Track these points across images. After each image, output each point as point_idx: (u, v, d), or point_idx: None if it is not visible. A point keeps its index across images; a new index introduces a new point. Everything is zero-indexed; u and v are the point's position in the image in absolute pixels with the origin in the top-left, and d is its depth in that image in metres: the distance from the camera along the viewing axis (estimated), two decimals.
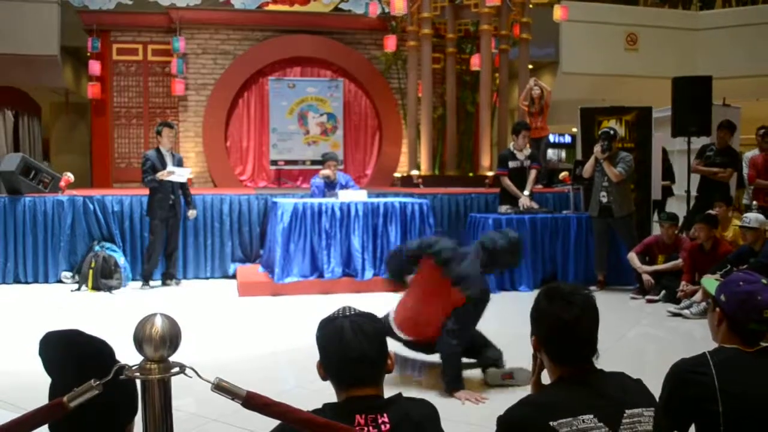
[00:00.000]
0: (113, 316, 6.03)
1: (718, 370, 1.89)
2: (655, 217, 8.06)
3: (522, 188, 7.71)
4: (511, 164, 7.74)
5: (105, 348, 1.51)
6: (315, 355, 1.78)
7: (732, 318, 1.99)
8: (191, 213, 7.56)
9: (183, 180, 7.41)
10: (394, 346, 3.11)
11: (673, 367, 2.00)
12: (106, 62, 11.38)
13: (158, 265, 7.50)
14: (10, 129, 11.48)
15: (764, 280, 2.01)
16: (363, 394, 1.69)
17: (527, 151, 7.80)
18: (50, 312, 6.28)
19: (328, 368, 1.75)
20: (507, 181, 7.77)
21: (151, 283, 7.45)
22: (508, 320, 4.76)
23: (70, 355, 1.47)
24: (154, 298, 6.99)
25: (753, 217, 6.08)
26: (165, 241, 7.44)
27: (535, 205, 7.74)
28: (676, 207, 8.68)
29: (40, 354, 1.52)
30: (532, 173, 7.79)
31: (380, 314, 1.87)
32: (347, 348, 1.69)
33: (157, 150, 7.37)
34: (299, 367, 4.43)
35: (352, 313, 1.77)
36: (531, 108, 9.94)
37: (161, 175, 7.14)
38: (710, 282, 2.20)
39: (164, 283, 7.53)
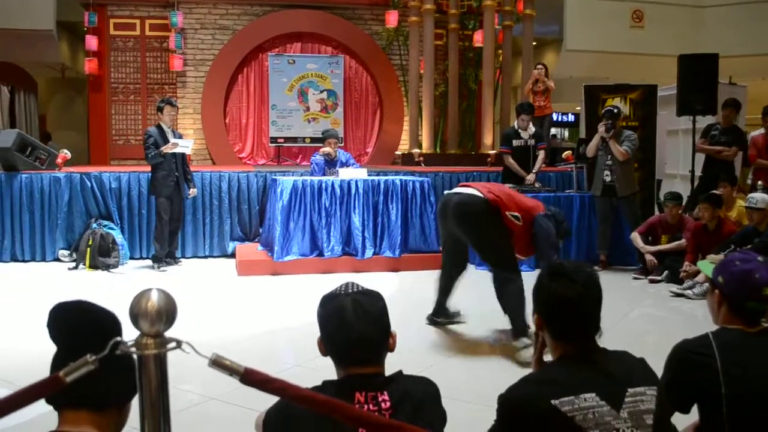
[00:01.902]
0: (111, 294, 5.97)
1: (721, 352, 1.87)
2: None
3: (526, 167, 7.68)
4: (515, 143, 7.71)
5: (112, 318, 1.50)
6: (314, 334, 1.77)
7: (731, 298, 1.98)
8: (192, 191, 7.46)
9: (188, 151, 7.32)
10: None
11: (675, 348, 1.99)
12: (103, 37, 11.22)
13: (168, 245, 7.38)
14: (6, 105, 11.39)
15: (760, 258, 1.99)
16: (363, 372, 1.69)
17: (531, 129, 7.77)
18: (48, 291, 6.22)
19: (328, 346, 1.75)
20: (510, 160, 7.73)
21: (143, 261, 7.39)
22: None
23: (82, 322, 1.48)
24: (153, 276, 6.94)
25: (759, 198, 6.00)
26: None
27: (537, 184, 7.71)
28: (681, 187, 8.61)
29: (50, 324, 1.51)
30: (541, 154, 7.79)
31: (383, 291, 1.82)
32: (348, 328, 1.68)
33: (159, 126, 7.25)
34: (298, 345, 4.40)
35: (354, 290, 1.75)
36: (535, 86, 9.91)
37: (166, 148, 7.00)
38: (707, 265, 2.19)
39: (165, 261, 7.46)
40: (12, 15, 10.64)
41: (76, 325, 1.48)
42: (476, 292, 5.23)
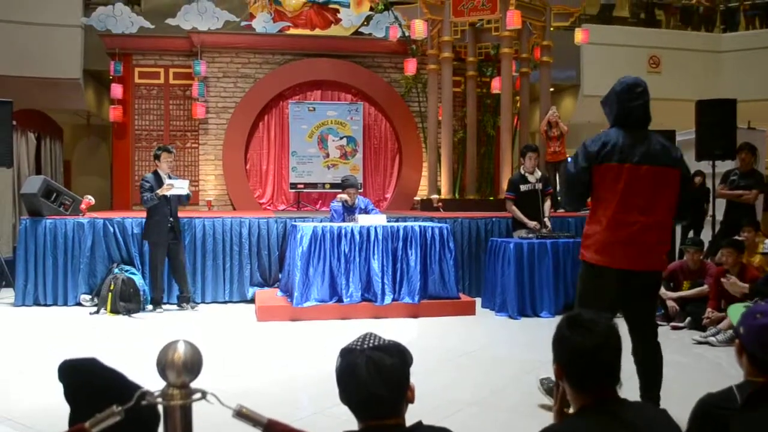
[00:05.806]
0: (132, 340, 6.01)
1: None
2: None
3: (534, 210, 7.63)
4: (523, 188, 7.68)
5: (119, 378, 1.50)
6: (333, 381, 1.76)
7: (749, 351, 1.96)
8: None
9: (184, 192, 7.38)
10: None
11: (699, 402, 1.97)
12: (128, 85, 11.51)
13: (164, 289, 7.54)
14: (33, 151, 11.61)
15: None
16: (383, 424, 1.68)
17: (538, 173, 7.74)
18: (69, 335, 6.26)
19: (344, 401, 1.74)
20: (513, 207, 7.71)
21: (165, 306, 7.48)
22: (530, 346, 4.68)
23: (84, 385, 1.50)
24: (172, 322, 6.97)
25: None
26: (169, 265, 7.48)
27: (545, 229, 7.61)
28: (702, 232, 8.54)
29: (60, 380, 1.54)
30: (548, 201, 7.74)
31: (402, 338, 1.82)
32: (360, 386, 1.67)
33: (155, 173, 7.41)
34: (318, 393, 4.37)
35: (371, 345, 1.73)
36: (550, 132, 9.99)
37: (162, 190, 7.17)
38: (735, 310, 2.15)
39: (180, 307, 7.53)
40: (41, 64, 11.00)
41: (83, 388, 1.49)
42: (497, 338, 5.21)
